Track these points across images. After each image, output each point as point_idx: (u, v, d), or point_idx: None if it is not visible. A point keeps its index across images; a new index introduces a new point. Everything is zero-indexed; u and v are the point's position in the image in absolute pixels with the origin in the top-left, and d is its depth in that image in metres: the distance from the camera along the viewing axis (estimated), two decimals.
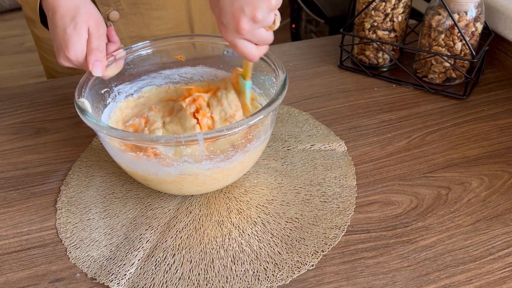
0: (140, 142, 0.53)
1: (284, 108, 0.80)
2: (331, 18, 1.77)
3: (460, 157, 0.69)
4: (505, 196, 0.63)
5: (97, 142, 0.74)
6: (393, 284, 0.52)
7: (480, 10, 0.78)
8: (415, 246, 0.56)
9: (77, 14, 0.62)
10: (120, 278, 0.54)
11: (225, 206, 0.62)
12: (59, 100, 0.85)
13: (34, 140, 0.76)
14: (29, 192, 0.66)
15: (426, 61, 0.84)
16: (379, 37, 0.86)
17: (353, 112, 0.79)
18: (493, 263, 0.54)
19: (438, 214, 0.60)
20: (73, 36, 0.61)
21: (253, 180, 0.66)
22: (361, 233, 0.58)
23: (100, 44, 0.62)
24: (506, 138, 0.72)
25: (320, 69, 0.91)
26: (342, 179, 0.66)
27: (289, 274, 0.54)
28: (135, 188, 0.66)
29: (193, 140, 0.51)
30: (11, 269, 0.56)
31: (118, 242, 0.58)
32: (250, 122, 0.53)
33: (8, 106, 0.84)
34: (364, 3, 0.85)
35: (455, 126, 0.75)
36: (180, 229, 0.59)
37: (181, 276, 0.54)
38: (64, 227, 0.61)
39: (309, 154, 0.70)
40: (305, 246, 0.57)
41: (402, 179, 0.66)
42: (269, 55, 0.64)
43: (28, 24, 0.95)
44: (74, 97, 0.59)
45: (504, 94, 0.82)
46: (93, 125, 0.54)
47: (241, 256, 0.56)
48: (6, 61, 2.49)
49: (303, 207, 0.62)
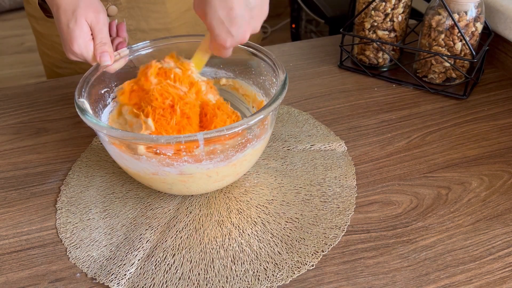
0: (140, 142, 0.53)
1: (284, 108, 0.80)
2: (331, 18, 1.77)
3: (460, 157, 0.69)
4: (505, 196, 0.63)
5: (97, 142, 0.74)
6: (393, 284, 0.52)
7: (480, 10, 0.78)
8: (415, 246, 0.56)
9: (77, 7, 0.64)
10: (120, 278, 0.54)
11: (225, 206, 0.62)
12: (59, 100, 0.85)
13: (34, 140, 0.76)
14: (29, 192, 0.66)
15: (426, 61, 0.84)
16: (379, 37, 0.86)
17: (353, 112, 0.79)
18: (493, 263, 0.54)
19: (438, 214, 0.60)
20: (75, 30, 0.63)
21: (253, 180, 0.66)
22: (361, 233, 0.58)
23: (103, 37, 0.64)
24: (506, 138, 0.72)
25: (320, 69, 0.91)
26: (342, 179, 0.66)
27: (289, 274, 0.54)
28: (135, 188, 0.66)
29: (193, 140, 0.51)
30: (11, 269, 0.56)
31: (118, 242, 0.58)
32: (250, 122, 0.53)
33: (8, 106, 0.84)
34: (364, 3, 0.85)
35: (455, 126, 0.75)
36: (180, 229, 0.59)
37: (181, 276, 0.54)
38: (64, 227, 0.61)
39: (309, 154, 0.70)
40: (305, 246, 0.57)
41: (402, 179, 0.66)
42: (269, 55, 0.64)
43: (29, 20, 0.95)
44: (74, 97, 0.59)
45: (504, 94, 0.82)
46: (93, 125, 0.54)
47: (241, 256, 0.56)
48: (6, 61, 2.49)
49: (303, 207, 0.62)
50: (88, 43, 0.64)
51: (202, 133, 0.51)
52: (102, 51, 0.63)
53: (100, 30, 0.64)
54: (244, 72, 0.70)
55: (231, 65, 0.71)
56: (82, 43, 0.63)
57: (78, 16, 0.63)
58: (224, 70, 0.71)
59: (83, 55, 0.64)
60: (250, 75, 0.69)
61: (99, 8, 0.65)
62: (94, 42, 0.64)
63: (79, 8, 0.63)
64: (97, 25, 0.64)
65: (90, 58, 0.64)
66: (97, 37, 0.64)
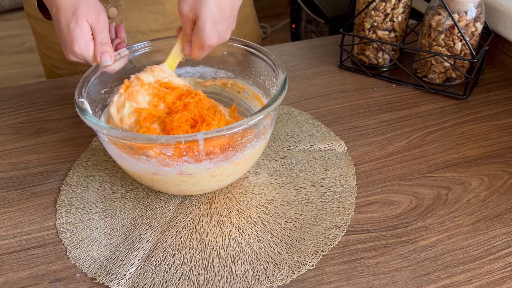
0: (140, 142, 0.53)
1: (284, 108, 0.80)
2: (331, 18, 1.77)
3: (460, 157, 0.69)
4: (505, 196, 0.63)
5: (97, 142, 0.74)
6: (393, 284, 0.52)
7: (480, 10, 0.78)
8: (415, 246, 0.56)
9: (78, 8, 0.63)
10: (120, 278, 0.54)
11: (225, 206, 0.62)
12: (59, 100, 0.85)
13: (34, 140, 0.76)
14: (29, 192, 0.66)
15: (426, 61, 0.84)
16: (379, 37, 0.86)
17: (353, 112, 0.79)
18: (493, 263, 0.54)
19: (438, 214, 0.60)
20: (75, 31, 0.63)
21: (253, 180, 0.66)
22: (361, 233, 0.58)
23: (103, 37, 0.64)
24: (506, 138, 0.72)
25: (320, 69, 0.91)
26: (342, 179, 0.66)
27: (289, 274, 0.54)
28: (135, 188, 0.66)
29: (193, 140, 0.51)
30: (11, 269, 0.56)
31: (118, 242, 0.58)
32: (250, 122, 0.53)
33: (8, 106, 0.84)
34: (364, 3, 0.85)
35: (455, 126, 0.75)
36: (180, 229, 0.59)
37: (181, 276, 0.54)
38: (64, 227, 0.61)
39: (309, 154, 0.70)
40: (305, 246, 0.57)
41: (402, 179, 0.66)
42: (269, 55, 0.64)
43: (29, 21, 0.95)
44: (74, 97, 0.59)
45: (504, 94, 0.82)
46: (93, 125, 0.54)
47: (241, 256, 0.56)
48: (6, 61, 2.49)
49: (303, 207, 0.62)
50: (89, 44, 0.64)
51: (202, 133, 0.51)
52: (102, 51, 0.63)
53: (100, 30, 0.64)
54: (244, 72, 0.70)
55: (231, 65, 0.71)
56: (83, 43, 0.63)
57: (79, 17, 0.63)
58: (224, 70, 0.72)
59: (83, 55, 0.64)
60: (250, 75, 0.69)
61: (100, 9, 0.65)
62: (94, 43, 0.64)
63: (79, 8, 0.63)
64: (98, 25, 0.64)
65: (90, 58, 0.64)
66: (98, 37, 0.64)
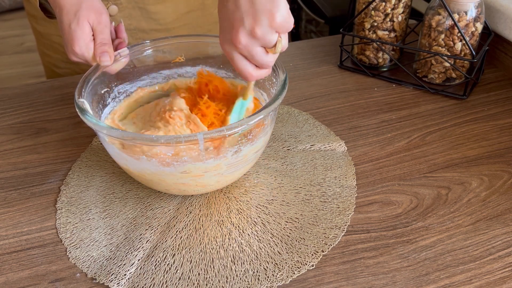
0: (140, 142, 0.53)
1: (284, 108, 0.80)
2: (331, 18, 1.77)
3: (460, 157, 0.69)
4: (505, 196, 0.63)
5: (97, 142, 0.74)
6: (393, 284, 0.52)
7: (480, 10, 0.78)
8: (415, 246, 0.56)
9: (80, 9, 0.64)
10: (120, 278, 0.54)
11: (225, 206, 0.62)
12: (59, 100, 0.85)
13: (34, 140, 0.76)
14: (29, 192, 0.66)
15: (426, 61, 0.84)
16: (379, 37, 0.86)
17: (353, 112, 0.79)
18: (493, 263, 0.54)
19: (438, 214, 0.60)
20: (76, 31, 0.64)
21: (253, 180, 0.66)
22: (361, 233, 0.58)
23: (103, 38, 0.65)
24: (506, 138, 0.72)
25: (320, 69, 0.91)
26: (342, 179, 0.66)
27: (289, 274, 0.54)
28: (135, 188, 0.66)
29: (193, 140, 0.51)
30: (11, 269, 0.56)
31: (118, 242, 0.58)
32: (250, 122, 0.53)
33: (8, 106, 0.84)
34: (364, 3, 0.85)
35: (455, 126, 0.75)
36: (180, 229, 0.59)
37: (181, 276, 0.54)
38: (64, 227, 0.61)
39: (309, 154, 0.70)
40: (305, 246, 0.57)
41: (402, 179, 0.66)
42: None
43: (29, 21, 0.95)
44: (74, 97, 0.59)
45: (504, 94, 0.82)
46: (93, 125, 0.54)
47: (241, 256, 0.56)
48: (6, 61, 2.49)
49: (303, 207, 0.62)
50: (89, 44, 0.64)
51: (202, 133, 0.51)
52: (102, 51, 0.64)
53: (101, 31, 0.65)
54: None
55: (231, 65, 0.71)
56: (83, 43, 0.64)
57: (80, 17, 0.64)
58: (224, 70, 0.71)
59: (83, 55, 0.65)
60: None
61: (101, 9, 0.66)
62: (94, 43, 0.64)
63: (81, 9, 0.64)
64: (99, 26, 0.65)
65: (90, 59, 0.65)
66: (98, 38, 0.64)
